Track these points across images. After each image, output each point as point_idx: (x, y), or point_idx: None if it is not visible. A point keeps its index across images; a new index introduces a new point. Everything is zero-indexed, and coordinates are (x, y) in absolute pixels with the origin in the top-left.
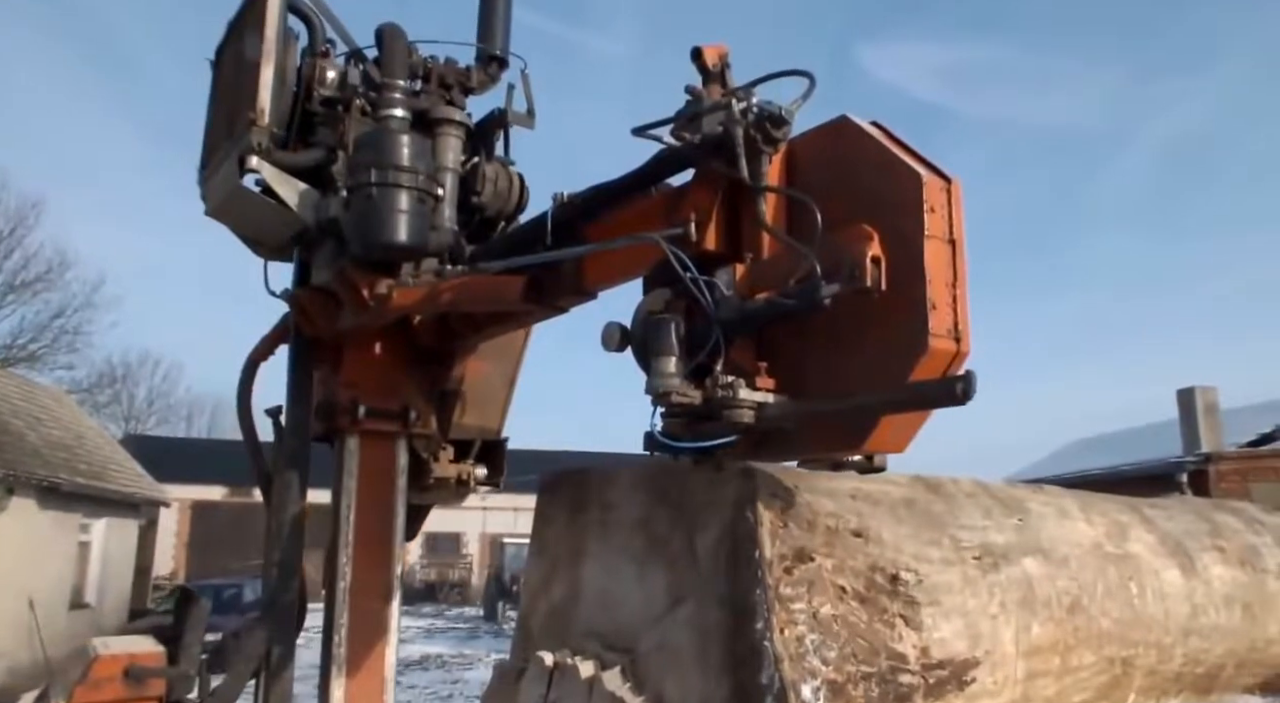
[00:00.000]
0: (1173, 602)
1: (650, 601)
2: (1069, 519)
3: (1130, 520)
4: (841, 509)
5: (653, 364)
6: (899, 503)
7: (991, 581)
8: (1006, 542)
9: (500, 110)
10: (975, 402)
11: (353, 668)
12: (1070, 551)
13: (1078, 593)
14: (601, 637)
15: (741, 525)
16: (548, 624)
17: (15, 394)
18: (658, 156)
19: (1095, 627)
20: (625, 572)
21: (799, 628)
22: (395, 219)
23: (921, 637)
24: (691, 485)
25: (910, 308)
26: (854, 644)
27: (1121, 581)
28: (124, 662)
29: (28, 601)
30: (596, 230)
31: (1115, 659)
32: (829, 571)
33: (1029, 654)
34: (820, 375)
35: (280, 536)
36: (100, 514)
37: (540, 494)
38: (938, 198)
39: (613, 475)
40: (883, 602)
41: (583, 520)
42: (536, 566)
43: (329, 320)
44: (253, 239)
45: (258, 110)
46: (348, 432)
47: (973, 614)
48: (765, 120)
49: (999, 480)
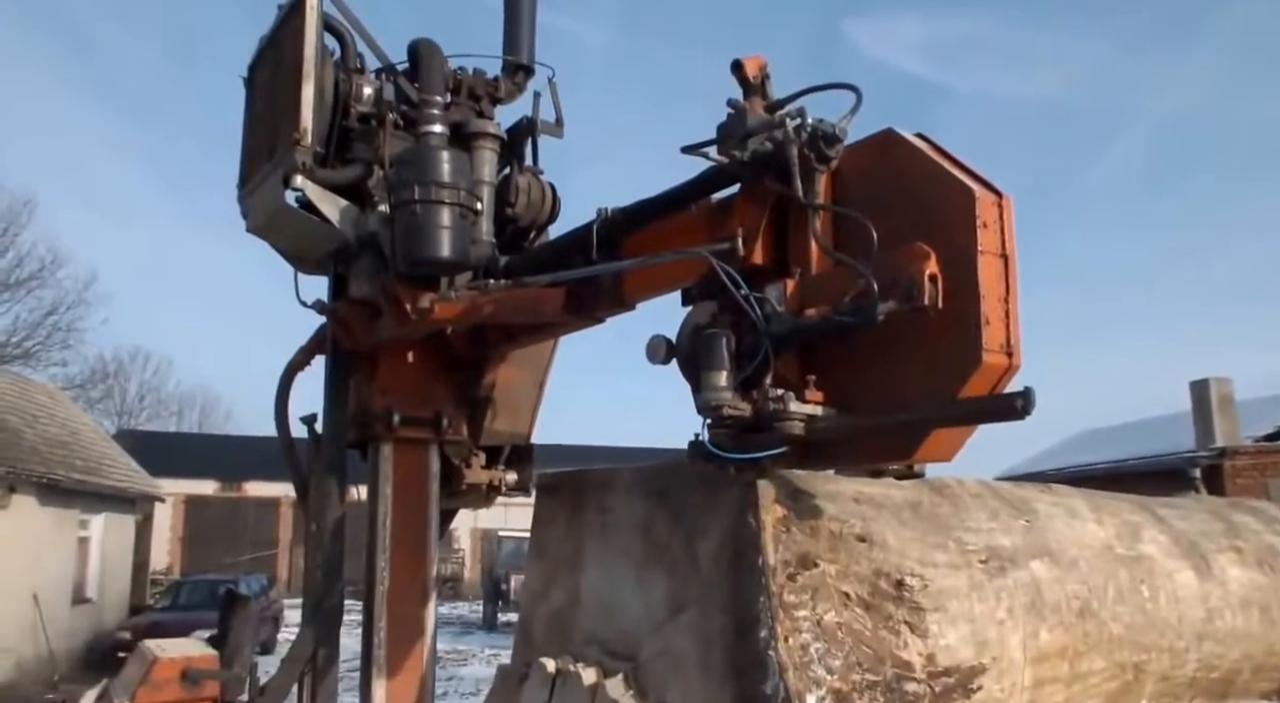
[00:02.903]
0: (1187, 605)
1: (651, 607)
2: (1078, 520)
3: (1142, 521)
4: (845, 513)
5: (704, 378)
6: (903, 506)
7: (998, 585)
8: (1014, 544)
9: (528, 119)
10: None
11: (392, 669)
12: (1080, 553)
13: (1088, 597)
14: (603, 643)
15: (744, 531)
16: (549, 629)
17: (11, 392)
18: (706, 173)
19: (1106, 632)
20: (626, 577)
21: (803, 636)
22: (439, 235)
23: (927, 644)
24: (691, 490)
25: (963, 323)
26: (859, 652)
27: (1133, 584)
28: (181, 664)
29: (32, 596)
30: (637, 242)
31: (1127, 665)
32: (833, 576)
33: (1037, 661)
34: (869, 388)
35: (322, 540)
36: (98, 510)
37: (538, 496)
38: (990, 213)
39: (611, 478)
40: (888, 608)
41: (581, 524)
42: (536, 569)
43: (367, 332)
44: (294, 255)
45: (301, 131)
46: (382, 439)
47: (979, 620)
48: (819, 139)
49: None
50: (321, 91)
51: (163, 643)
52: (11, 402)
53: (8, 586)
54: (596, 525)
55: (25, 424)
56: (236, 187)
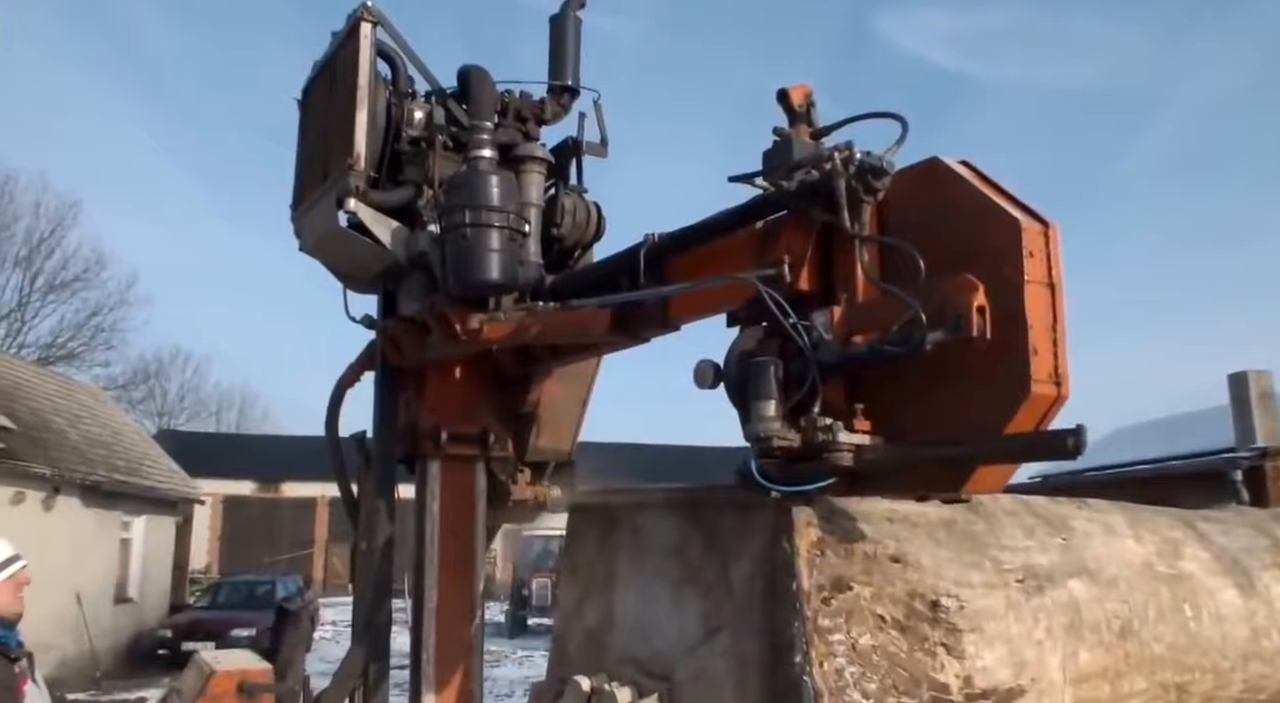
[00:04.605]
0: (1231, 624)
1: (686, 629)
2: (1116, 537)
3: (1183, 537)
4: (879, 534)
5: (752, 408)
6: (937, 525)
7: (1036, 605)
8: (1051, 563)
9: (574, 140)
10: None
11: (441, 685)
12: (1119, 571)
13: (1128, 616)
14: (637, 662)
15: (777, 555)
16: (583, 647)
17: (56, 393)
18: (753, 201)
19: (1148, 652)
20: (659, 597)
21: (838, 660)
22: (489, 258)
23: (964, 666)
24: (723, 512)
25: (1011, 353)
26: (894, 675)
27: (1175, 602)
28: (237, 678)
29: (75, 596)
30: (683, 266)
31: (1169, 686)
32: (867, 599)
33: (1077, 682)
34: (916, 417)
35: (372, 559)
36: (140, 512)
37: (570, 515)
38: (1036, 242)
39: (643, 498)
40: (923, 630)
41: (614, 544)
42: (570, 587)
43: (416, 349)
44: (346, 274)
45: (355, 156)
46: (430, 456)
47: (1017, 641)
48: (866, 171)
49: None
50: (374, 116)
51: (218, 655)
52: (57, 403)
53: (52, 585)
54: (629, 546)
55: (69, 425)
56: (290, 207)
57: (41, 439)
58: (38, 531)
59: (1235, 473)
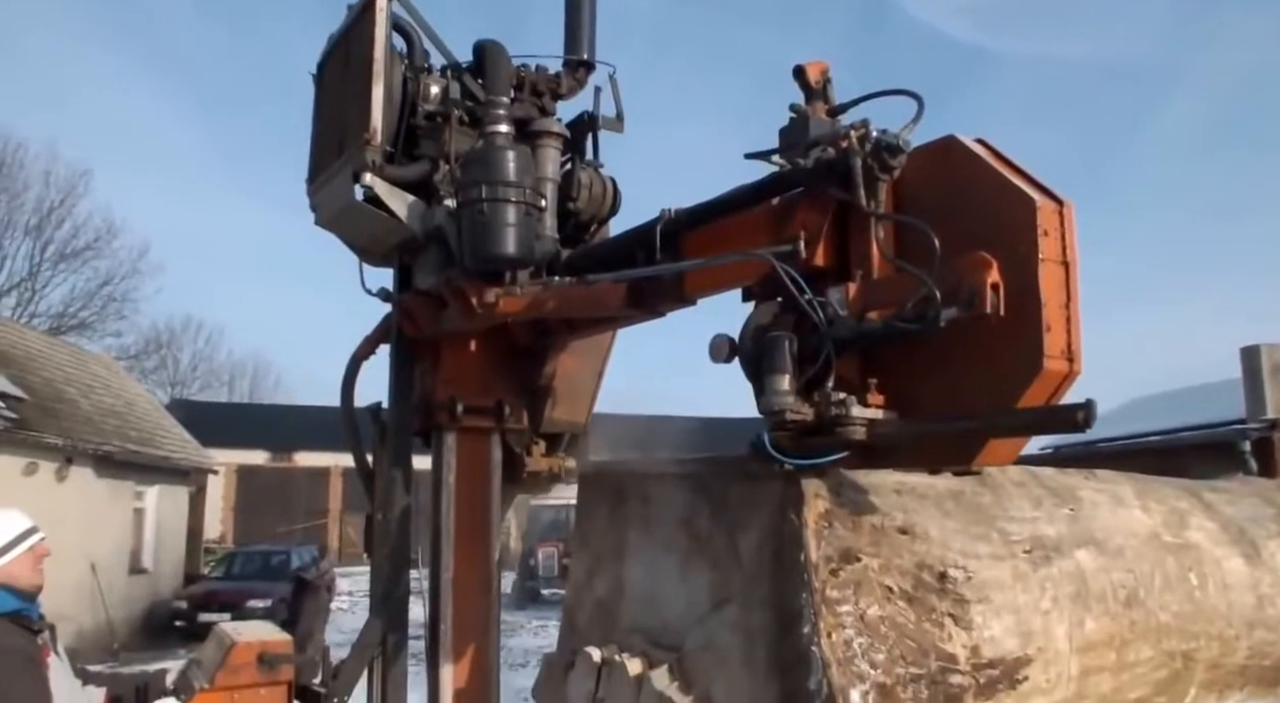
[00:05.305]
0: (1236, 593)
1: (694, 599)
2: (1124, 508)
3: (1189, 507)
4: (887, 506)
5: (767, 382)
6: (945, 496)
7: (1043, 575)
8: (1058, 534)
9: (589, 114)
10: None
11: (459, 655)
12: (1126, 541)
13: (1134, 586)
14: (647, 633)
15: (786, 527)
16: (593, 618)
17: (68, 362)
18: (768, 178)
19: (1153, 620)
20: (668, 568)
21: (846, 631)
22: (505, 233)
23: (971, 636)
24: (732, 483)
25: (1025, 330)
26: (902, 646)
27: (1181, 571)
28: (258, 649)
29: (90, 566)
30: (699, 241)
31: (1175, 654)
32: (875, 571)
33: (1083, 650)
34: (929, 392)
35: (388, 530)
36: (153, 482)
37: (581, 485)
38: (1051, 220)
39: (653, 468)
40: (931, 601)
41: (624, 515)
42: (580, 558)
43: (432, 323)
44: (362, 248)
45: (371, 130)
46: (446, 428)
47: (1024, 611)
48: (883, 150)
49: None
50: (390, 91)
51: (239, 626)
52: (69, 373)
53: (66, 556)
54: (639, 517)
55: (81, 395)
56: (306, 181)
57: (54, 409)
58: (51, 501)
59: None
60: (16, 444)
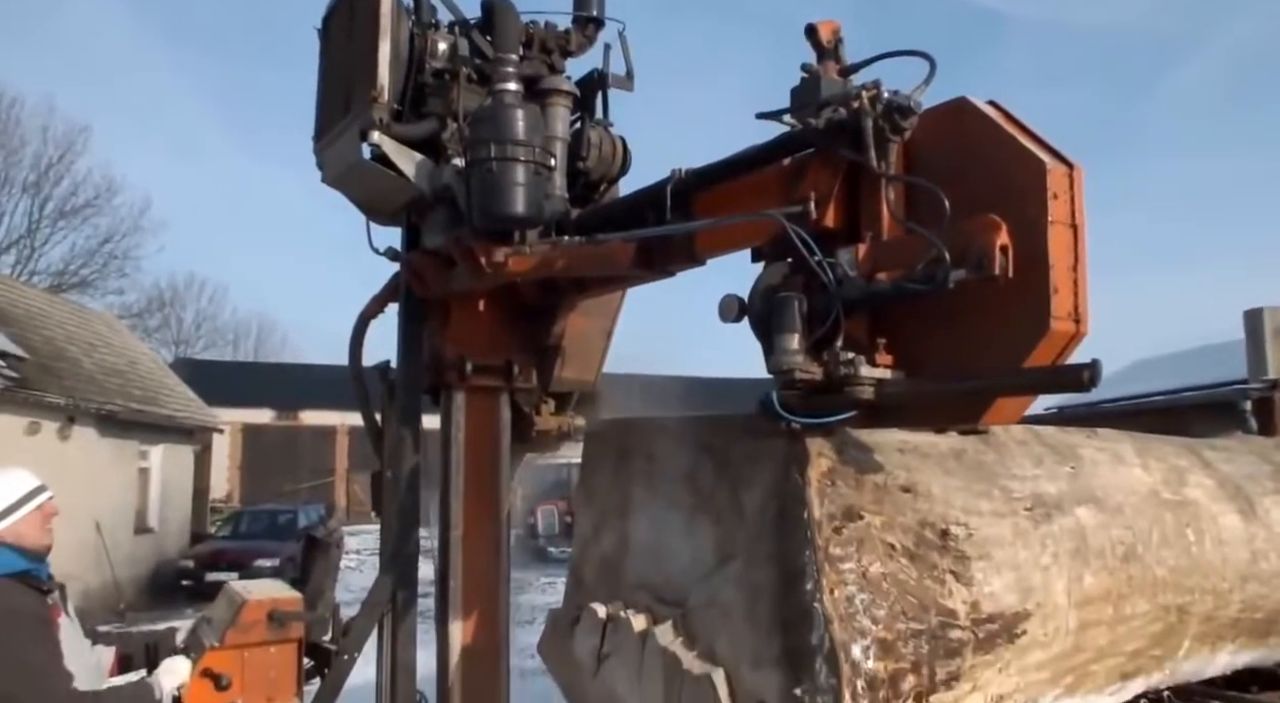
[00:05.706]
0: (1231, 548)
1: (699, 555)
2: (1124, 465)
3: (1188, 464)
4: (889, 464)
5: (776, 341)
6: (948, 455)
7: (1043, 532)
8: (1059, 491)
9: (599, 72)
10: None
11: (468, 611)
12: (1125, 498)
13: (1132, 542)
14: (652, 588)
15: (789, 485)
16: (599, 574)
17: (69, 321)
18: (780, 138)
19: (1150, 575)
20: (673, 524)
21: (848, 588)
22: (514, 192)
23: (972, 592)
24: (737, 439)
25: (1033, 291)
26: (903, 602)
27: (1178, 528)
28: (268, 606)
29: (95, 526)
30: (709, 201)
31: (1170, 607)
32: (878, 528)
33: (1081, 605)
34: (937, 352)
35: (398, 488)
36: (157, 441)
37: (586, 442)
38: (1060, 183)
39: (657, 426)
40: (932, 558)
41: (629, 471)
42: (586, 514)
43: (441, 282)
44: (369, 207)
45: (378, 88)
46: (455, 387)
47: (1024, 567)
48: (894, 111)
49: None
50: (397, 47)
51: (249, 585)
52: (70, 331)
53: (71, 515)
54: (643, 473)
55: (83, 354)
56: (313, 138)
57: (55, 368)
58: (54, 460)
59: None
60: (18, 404)
